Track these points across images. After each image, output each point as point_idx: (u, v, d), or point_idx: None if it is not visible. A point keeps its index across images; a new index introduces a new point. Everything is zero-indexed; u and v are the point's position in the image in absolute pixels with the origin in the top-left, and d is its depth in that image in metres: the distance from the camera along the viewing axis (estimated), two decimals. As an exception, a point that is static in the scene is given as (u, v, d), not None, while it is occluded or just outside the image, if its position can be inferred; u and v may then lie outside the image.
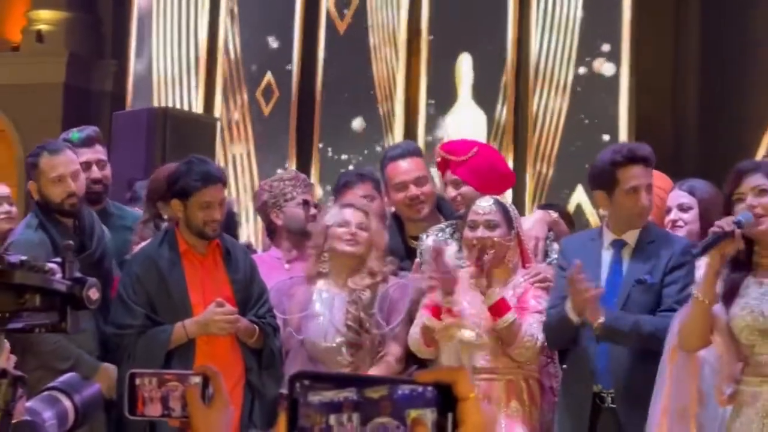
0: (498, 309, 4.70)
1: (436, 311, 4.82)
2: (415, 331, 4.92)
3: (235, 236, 5.87)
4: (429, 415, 1.23)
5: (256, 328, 5.03)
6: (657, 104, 8.53)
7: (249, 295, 5.09)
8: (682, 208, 4.99)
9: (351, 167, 9.47)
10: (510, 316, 4.70)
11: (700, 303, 4.13)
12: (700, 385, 4.23)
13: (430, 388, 1.23)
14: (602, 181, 4.72)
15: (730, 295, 4.17)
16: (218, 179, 5.09)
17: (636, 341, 4.46)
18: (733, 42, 8.38)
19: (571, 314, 4.53)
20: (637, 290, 4.54)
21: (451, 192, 5.22)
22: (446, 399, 1.23)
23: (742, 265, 4.18)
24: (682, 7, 8.74)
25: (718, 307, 4.17)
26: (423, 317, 4.87)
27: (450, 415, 1.23)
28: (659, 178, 5.09)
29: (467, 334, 4.78)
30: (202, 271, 5.05)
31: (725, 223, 4.06)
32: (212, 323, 4.94)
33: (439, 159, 5.26)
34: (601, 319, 4.45)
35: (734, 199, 4.18)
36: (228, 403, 2.22)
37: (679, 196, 5.05)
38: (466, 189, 5.16)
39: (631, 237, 4.71)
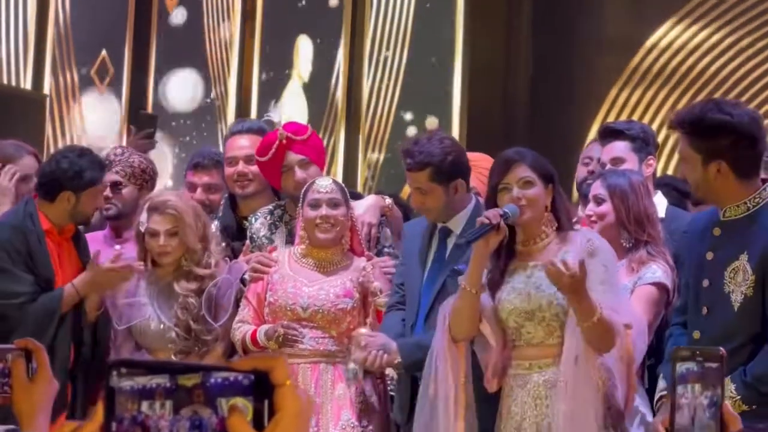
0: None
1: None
2: (239, 333, 4.86)
3: None
4: (247, 403, 1.22)
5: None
6: (489, 89, 8.66)
7: None
8: None
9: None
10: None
11: (467, 293, 4.23)
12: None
13: (246, 376, 1.23)
14: None
15: (496, 283, 4.31)
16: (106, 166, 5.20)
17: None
18: (563, 39, 8.59)
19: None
20: (451, 280, 4.51)
21: (300, 174, 5.05)
22: (263, 386, 1.23)
23: (507, 252, 4.31)
24: (514, 6, 8.90)
25: (484, 297, 4.29)
26: (246, 330, 4.83)
27: (267, 402, 1.23)
28: (483, 160, 5.19)
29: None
30: (60, 251, 5.00)
31: (492, 215, 4.20)
32: (106, 275, 4.85)
33: (283, 141, 5.08)
34: (398, 360, 4.58)
35: (500, 188, 4.31)
36: (51, 378, 2.21)
37: None
38: (313, 169, 5.07)
39: (456, 224, 4.78)
